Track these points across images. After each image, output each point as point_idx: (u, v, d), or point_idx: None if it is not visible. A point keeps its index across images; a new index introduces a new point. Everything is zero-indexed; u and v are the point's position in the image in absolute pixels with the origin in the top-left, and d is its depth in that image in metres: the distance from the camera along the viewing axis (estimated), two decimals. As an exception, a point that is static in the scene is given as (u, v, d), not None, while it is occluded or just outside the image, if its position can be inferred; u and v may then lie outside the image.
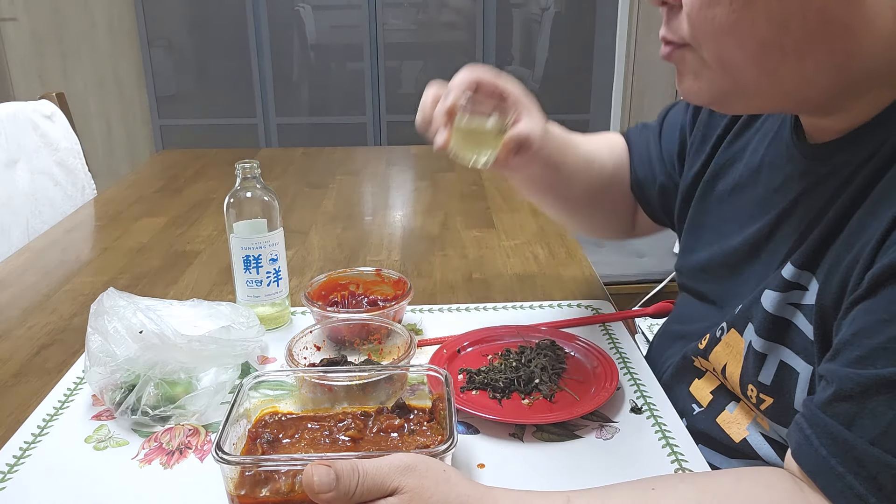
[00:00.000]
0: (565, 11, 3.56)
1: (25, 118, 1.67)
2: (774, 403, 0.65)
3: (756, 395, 0.66)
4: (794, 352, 0.63)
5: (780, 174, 0.70)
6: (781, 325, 0.64)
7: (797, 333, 0.62)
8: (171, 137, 3.66)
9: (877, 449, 0.49)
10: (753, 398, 0.67)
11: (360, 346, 0.85)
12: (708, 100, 0.64)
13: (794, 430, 0.55)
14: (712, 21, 0.57)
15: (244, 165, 0.89)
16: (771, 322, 0.64)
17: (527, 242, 1.29)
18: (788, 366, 0.63)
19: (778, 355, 0.64)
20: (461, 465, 0.67)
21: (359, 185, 1.72)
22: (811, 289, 0.61)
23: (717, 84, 0.61)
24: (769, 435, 0.68)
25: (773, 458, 0.67)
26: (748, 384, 0.67)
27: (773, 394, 0.65)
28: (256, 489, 0.57)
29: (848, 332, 0.53)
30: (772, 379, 0.65)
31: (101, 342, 0.75)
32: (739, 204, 0.76)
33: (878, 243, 0.53)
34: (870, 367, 0.50)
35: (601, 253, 2.15)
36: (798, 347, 0.62)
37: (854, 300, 0.54)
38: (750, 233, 0.73)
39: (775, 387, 0.64)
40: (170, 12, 3.53)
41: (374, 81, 3.58)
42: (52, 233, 1.40)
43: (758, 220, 0.72)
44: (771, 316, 0.64)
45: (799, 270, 0.63)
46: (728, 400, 0.73)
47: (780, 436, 0.66)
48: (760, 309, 0.65)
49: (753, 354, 0.66)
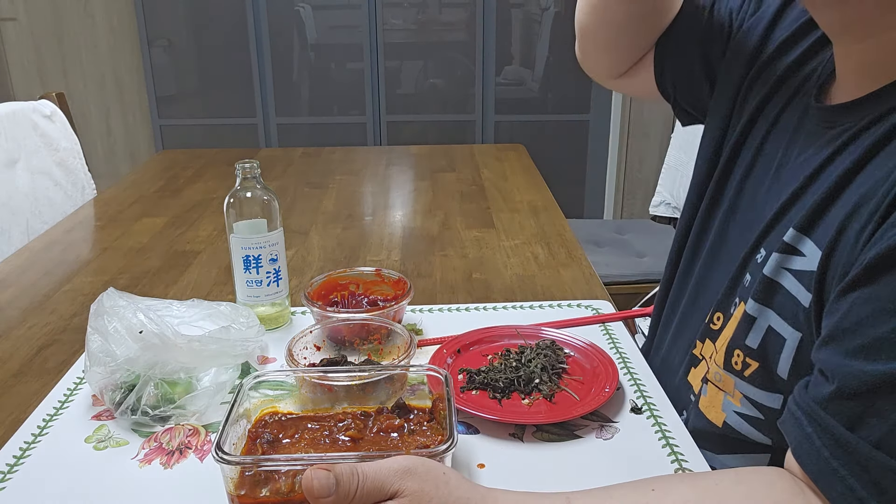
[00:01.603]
0: (565, 11, 3.55)
1: (25, 118, 1.67)
2: (759, 368, 0.64)
3: (742, 359, 0.66)
4: (782, 317, 0.62)
5: (801, 134, 0.70)
6: (773, 288, 0.63)
7: (787, 298, 0.62)
8: (171, 137, 3.66)
9: (880, 452, 0.48)
10: (739, 364, 0.66)
11: (360, 346, 0.85)
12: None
13: (791, 425, 0.55)
14: None
15: (244, 165, 0.89)
16: (765, 285, 0.64)
17: (527, 242, 1.29)
18: (775, 331, 0.63)
19: (767, 319, 0.64)
20: (461, 465, 0.67)
21: (359, 185, 1.72)
22: (808, 254, 0.60)
23: None
24: (741, 412, 0.67)
25: (756, 436, 0.67)
26: (735, 349, 0.67)
27: (758, 358, 0.64)
28: (256, 489, 0.57)
29: (847, 320, 0.52)
30: (758, 343, 0.64)
31: (101, 342, 0.75)
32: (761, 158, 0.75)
33: (879, 216, 0.52)
34: (872, 359, 0.49)
35: (601, 253, 2.15)
36: (787, 313, 0.62)
37: (851, 282, 0.53)
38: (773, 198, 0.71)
39: (761, 351, 0.64)
40: (170, 12, 3.52)
41: (374, 81, 3.58)
42: (52, 233, 1.40)
43: (778, 189, 0.71)
44: (766, 278, 0.64)
45: (797, 233, 0.62)
46: (705, 382, 0.73)
47: (754, 409, 0.66)
48: (761, 273, 0.65)
49: (745, 318, 0.66)
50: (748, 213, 0.75)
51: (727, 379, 0.69)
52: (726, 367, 0.69)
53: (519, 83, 3.69)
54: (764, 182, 0.75)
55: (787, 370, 0.62)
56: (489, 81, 3.58)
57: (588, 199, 3.65)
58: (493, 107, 3.61)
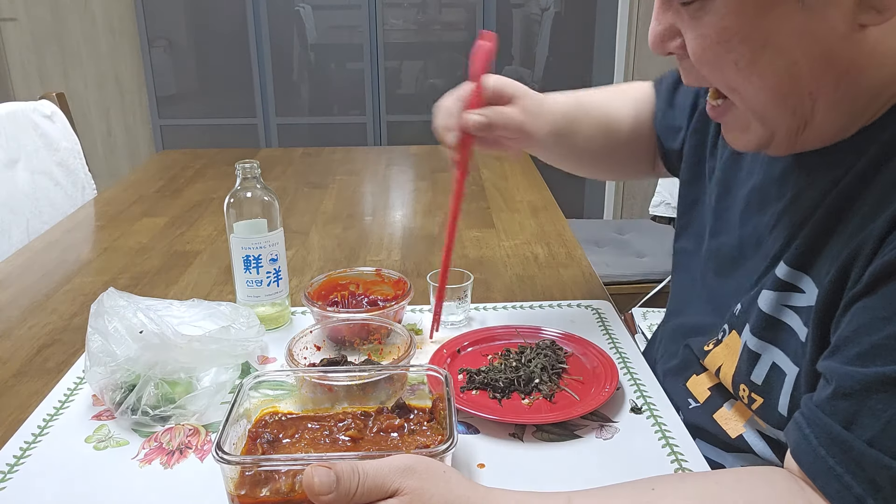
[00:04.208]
0: (565, 11, 3.56)
1: (25, 118, 1.67)
2: (764, 404, 0.65)
3: (748, 394, 0.66)
4: (785, 353, 0.63)
5: (779, 165, 0.70)
6: (775, 325, 0.64)
7: (790, 335, 0.62)
8: (171, 137, 3.66)
9: (875, 450, 0.49)
10: (745, 398, 0.67)
11: (360, 346, 0.85)
12: (755, 145, 0.64)
13: (792, 428, 0.55)
14: (723, 75, 0.59)
15: (244, 165, 0.89)
16: (765, 322, 0.65)
17: (527, 242, 1.29)
18: (778, 367, 0.63)
19: (771, 356, 0.64)
20: (461, 465, 0.67)
21: (359, 185, 1.72)
22: (808, 291, 0.61)
23: (756, 132, 0.62)
24: (766, 432, 0.68)
25: (769, 455, 0.67)
26: (740, 384, 0.67)
27: (763, 394, 0.65)
28: (256, 489, 0.57)
29: (847, 329, 0.53)
30: (763, 379, 0.65)
31: (102, 342, 0.75)
32: (741, 193, 0.76)
33: (878, 241, 0.53)
34: (869, 364, 0.50)
35: (601, 253, 2.15)
36: (789, 349, 0.62)
37: (853, 297, 0.54)
38: (751, 226, 0.73)
39: (765, 387, 0.64)
40: (170, 12, 3.52)
41: (374, 81, 3.58)
42: (52, 233, 1.40)
43: (758, 213, 0.72)
44: (765, 315, 0.64)
45: (793, 270, 0.62)
46: (726, 397, 0.73)
47: (776, 434, 0.66)
48: (756, 308, 0.66)
49: (747, 354, 0.66)
50: (726, 239, 0.77)
51: (743, 408, 0.69)
52: (737, 398, 0.70)
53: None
54: (730, 208, 0.77)
55: (787, 406, 0.62)
56: (489, 81, 3.57)
57: (588, 199, 3.65)
58: (493, 107, 3.60)
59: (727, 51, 0.57)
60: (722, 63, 0.58)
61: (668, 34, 0.61)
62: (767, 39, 0.55)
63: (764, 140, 0.63)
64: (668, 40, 0.62)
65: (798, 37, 0.54)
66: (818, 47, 0.54)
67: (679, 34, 0.61)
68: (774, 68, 0.56)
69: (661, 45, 0.62)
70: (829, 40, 0.54)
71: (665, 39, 0.62)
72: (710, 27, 0.56)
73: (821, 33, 0.54)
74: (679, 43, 0.61)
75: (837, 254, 0.57)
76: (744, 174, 0.76)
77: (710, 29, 0.56)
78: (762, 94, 0.58)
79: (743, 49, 0.56)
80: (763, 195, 0.71)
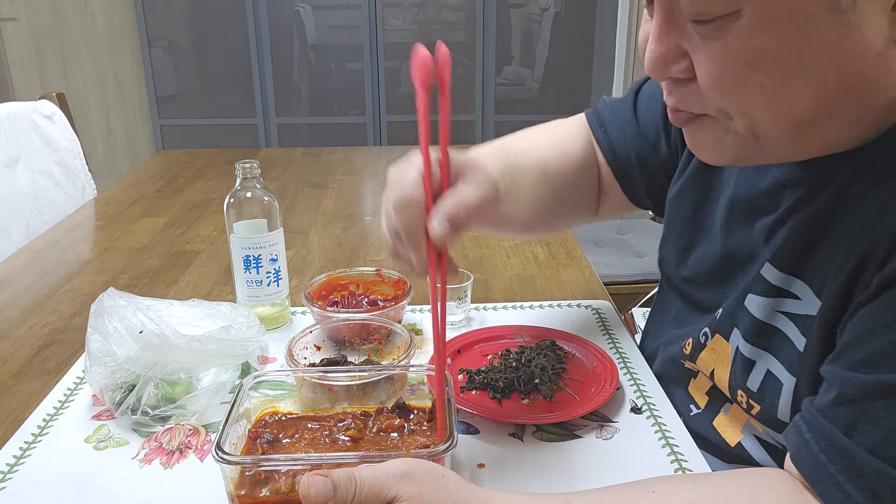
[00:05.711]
0: (565, 11, 3.56)
1: (25, 118, 1.67)
2: (762, 410, 0.64)
3: (746, 400, 0.66)
4: (780, 361, 0.62)
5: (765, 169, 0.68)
6: (769, 332, 0.63)
7: (785, 343, 0.62)
8: (171, 137, 3.66)
9: (876, 459, 0.49)
10: (744, 403, 0.67)
11: (360, 346, 0.85)
12: (730, 161, 0.60)
13: (792, 432, 0.55)
14: (741, 99, 0.53)
15: (244, 165, 0.89)
16: (758, 328, 0.64)
17: (527, 242, 1.29)
18: (774, 376, 0.63)
19: (766, 363, 0.64)
20: (461, 465, 0.67)
21: (359, 185, 1.72)
22: (804, 298, 0.60)
23: (741, 148, 0.57)
24: (763, 438, 0.67)
25: (768, 462, 0.67)
26: (738, 390, 0.67)
27: (759, 401, 0.64)
28: (256, 489, 0.57)
29: (851, 335, 0.53)
30: (758, 386, 0.64)
31: (102, 342, 0.75)
32: (723, 201, 0.74)
33: (887, 250, 0.52)
34: (872, 370, 0.50)
35: (601, 253, 2.15)
36: (784, 357, 0.62)
37: (860, 303, 0.53)
38: (740, 235, 0.71)
39: (761, 394, 0.64)
40: (170, 12, 3.53)
41: (374, 81, 3.58)
42: (52, 233, 1.40)
43: (747, 223, 0.70)
44: (758, 321, 0.64)
45: (783, 274, 0.61)
46: (722, 402, 0.72)
47: (773, 439, 0.66)
48: (746, 314, 0.65)
49: (741, 360, 0.66)
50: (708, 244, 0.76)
51: (741, 412, 0.69)
52: (735, 402, 0.69)
53: (519, 83, 3.70)
54: (713, 212, 0.75)
55: (788, 414, 0.62)
56: (489, 81, 3.58)
57: (588, 199, 3.65)
58: (493, 107, 3.61)
59: (753, 72, 0.50)
60: (744, 87, 0.51)
61: (671, 56, 0.54)
62: (800, 59, 0.49)
63: (744, 156, 0.58)
64: (672, 63, 0.55)
65: (831, 54, 0.49)
66: (851, 65, 0.50)
67: (686, 56, 0.54)
68: (805, 91, 0.51)
69: (662, 69, 0.55)
70: (862, 57, 0.49)
71: (668, 62, 0.55)
72: (733, 47, 0.50)
73: (855, 49, 0.49)
74: (685, 66, 0.54)
75: (839, 263, 0.55)
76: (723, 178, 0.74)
77: (734, 49, 0.50)
78: (782, 120, 0.53)
79: (774, 71, 0.50)
80: (750, 205, 0.69)
